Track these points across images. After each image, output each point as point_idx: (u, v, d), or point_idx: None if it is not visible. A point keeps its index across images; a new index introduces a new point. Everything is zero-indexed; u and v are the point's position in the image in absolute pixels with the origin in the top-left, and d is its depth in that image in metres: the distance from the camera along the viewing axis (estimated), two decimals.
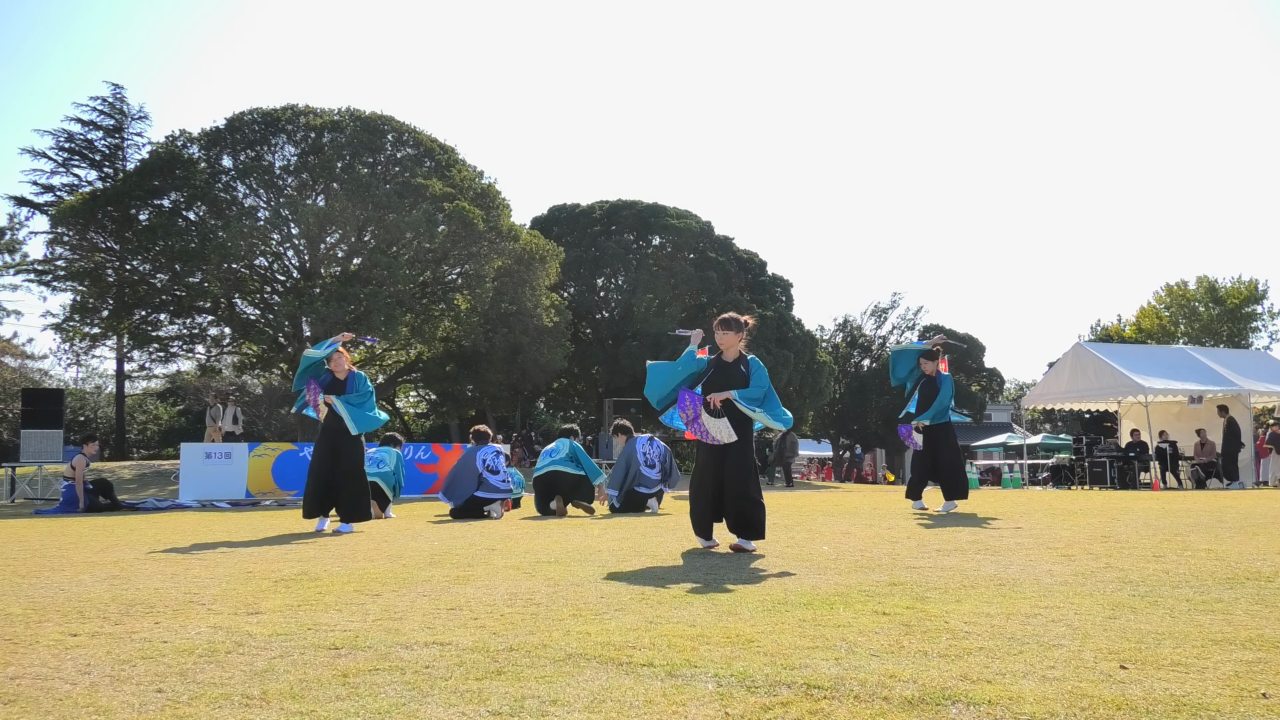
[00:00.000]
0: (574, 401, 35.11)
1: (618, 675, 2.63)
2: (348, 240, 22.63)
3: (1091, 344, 22.61)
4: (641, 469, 9.96)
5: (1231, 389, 18.61)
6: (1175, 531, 6.31)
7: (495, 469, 9.87)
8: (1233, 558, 4.87)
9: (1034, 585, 4.10)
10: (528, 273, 23.57)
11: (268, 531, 8.21)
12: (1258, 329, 39.23)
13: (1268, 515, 7.61)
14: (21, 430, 17.09)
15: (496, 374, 25.22)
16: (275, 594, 4.28)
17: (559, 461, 10.00)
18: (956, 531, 6.71)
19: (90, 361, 33.12)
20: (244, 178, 21.68)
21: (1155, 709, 2.23)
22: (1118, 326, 42.50)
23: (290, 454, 15.59)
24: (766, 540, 5.83)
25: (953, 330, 37.70)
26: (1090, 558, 5.01)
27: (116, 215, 20.96)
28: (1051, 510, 8.81)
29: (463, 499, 9.70)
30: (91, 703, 2.47)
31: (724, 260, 30.57)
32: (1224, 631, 3.07)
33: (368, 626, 3.41)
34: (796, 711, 2.28)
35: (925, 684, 2.47)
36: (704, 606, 3.70)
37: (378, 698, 2.45)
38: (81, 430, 34.70)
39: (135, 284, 21.69)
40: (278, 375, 26.66)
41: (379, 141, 22.71)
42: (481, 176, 24.24)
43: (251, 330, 22.28)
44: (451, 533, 7.62)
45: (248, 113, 22.33)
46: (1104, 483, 17.93)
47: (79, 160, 28.54)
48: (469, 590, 4.25)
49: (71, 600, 4.18)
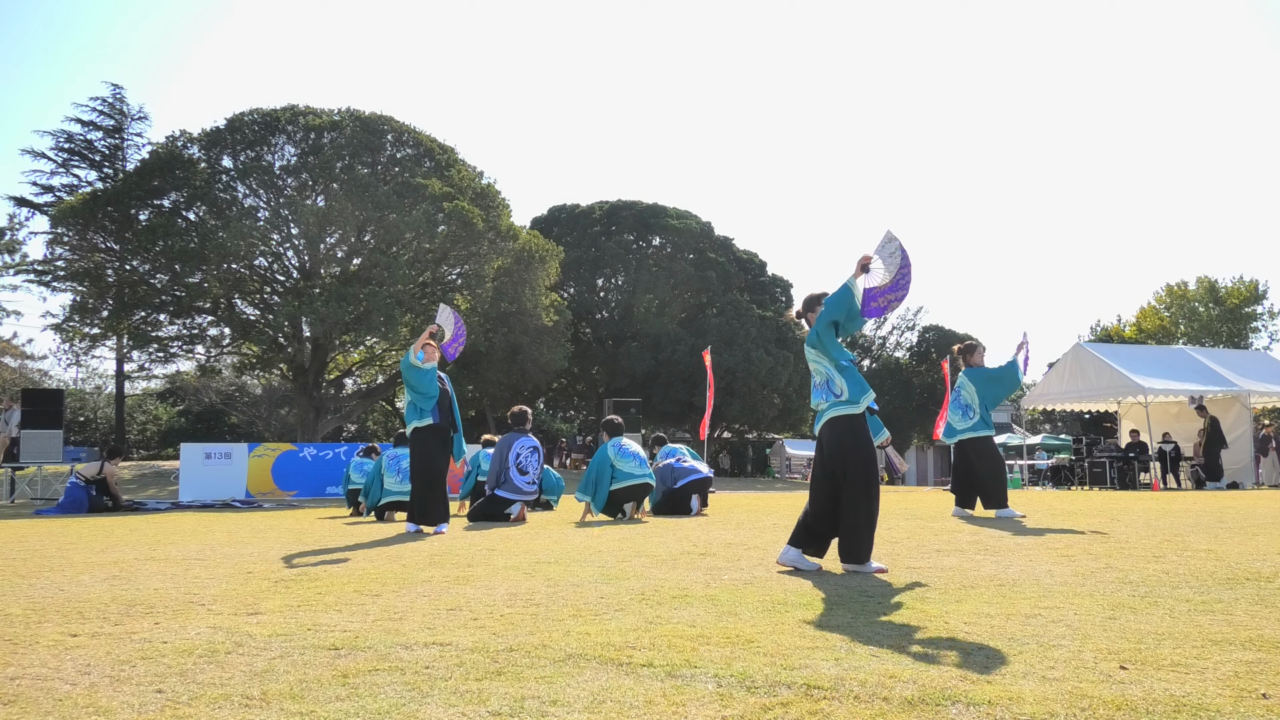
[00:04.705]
0: (574, 402, 35.13)
1: (618, 675, 2.63)
2: (347, 240, 22.63)
3: (1091, 344, 22.60)
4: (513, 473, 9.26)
5: (1231, 389, 18.61)
6: (1175, 532, 6.31)
7: (525, 469, 9.34)
8: (1233, 558, 4.87)
9: (1034, 585, 4.10)
10: (528, 273, 23.57)
11: (267, 531, 8.21)
12: (1258, 329, 39.26)
13: (1268, 515, 7.61)
14: (21, 430, 17.09)
15: (496, 374, 25.23)
16: (275, 594, 4.28)
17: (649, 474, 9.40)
18: (957, 532, 6.71)
19: (90, 362, 33.12)
20: (244, 178, 21.68)
21: (1155, 709, 2.23)
22: (1118, 327, 42.51)
23: (290, 454, 15.60)
24: (766, 541, 5.83)
25: (952, 330, 37.67)
26: (1090, 558, 5.01)
27: (116, 215, 20.94)
28: (1052, 510, 8.81)
29: (484, 494, 9.26)
30: (91, 703, 2.47)
31: (724, 260, 30.59)
32: (1224, 632, 3.07)
33: (368, 627, 3.41)
34: (796, 712, 2.28)
35: (925, 684, 2.48)
36: (704, 607, 3.70)
37: (378, 698, 2.45)
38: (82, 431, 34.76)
39: (135, 284, 21.68)
40: (277, 375, 26.64)
41: (379, 142, 22.72)
42: (481, 176, 24.25)
43: (251, 330, 22.28)
44: (452, 533, 7.61)
45: (248, 113, 22.33)
46: (1104, 483, 17.94)
47: (79, 161, 28.53)
48: (469, 590, 4.24)
49: (71, 600, 4.18)
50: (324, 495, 15.43)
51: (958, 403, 8.56)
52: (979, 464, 8.30)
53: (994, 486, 8.24)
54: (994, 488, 8.23)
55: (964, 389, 8.52)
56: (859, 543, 4.65)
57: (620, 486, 9.16)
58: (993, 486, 8.23)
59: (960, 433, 8.46)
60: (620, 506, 9.23)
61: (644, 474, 9.27)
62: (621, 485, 9.16)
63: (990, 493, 8.22)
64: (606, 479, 9.13)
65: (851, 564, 4.67)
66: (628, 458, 9.21)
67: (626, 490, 9.19)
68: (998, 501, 8.12)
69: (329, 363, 24.66)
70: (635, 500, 9.28)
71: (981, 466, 8.29)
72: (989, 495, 8.22)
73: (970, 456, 8.37)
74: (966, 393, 8.48)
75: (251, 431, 33.81)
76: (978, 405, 8.39)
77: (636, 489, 9.24)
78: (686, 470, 9.63)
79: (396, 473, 10.11)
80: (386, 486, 10.33)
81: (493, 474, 9.34)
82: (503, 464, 9.31)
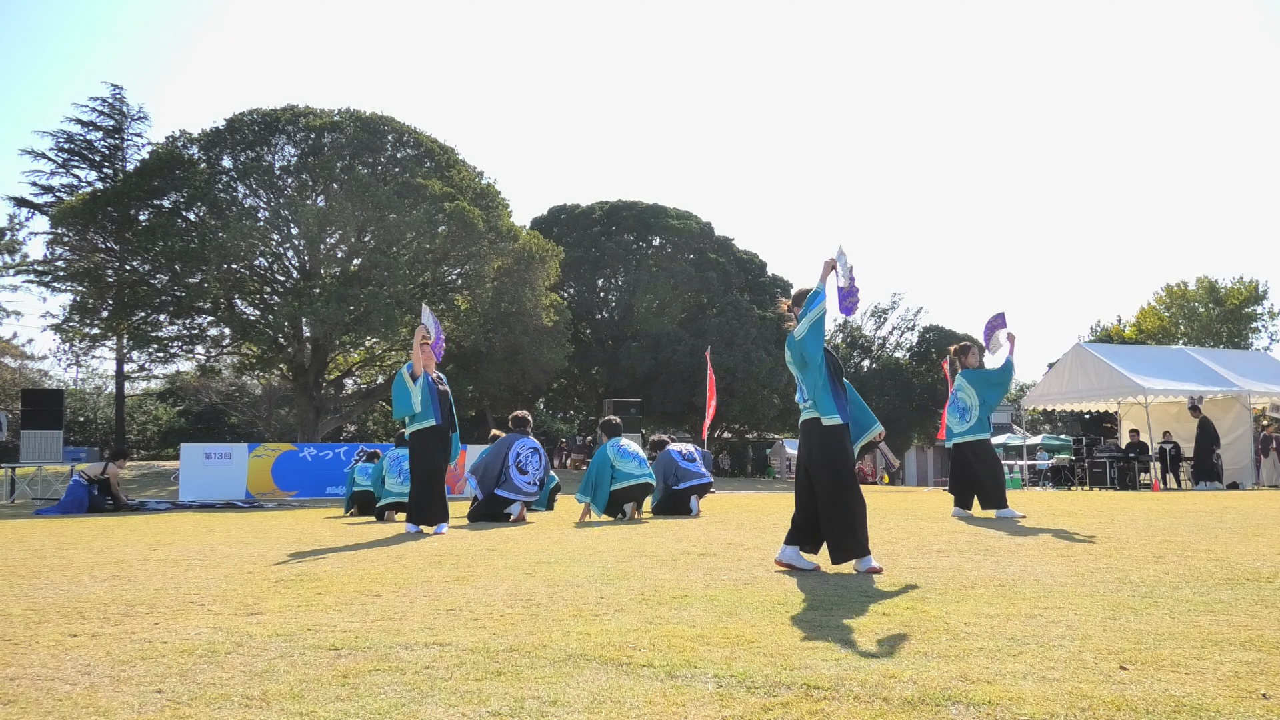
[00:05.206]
0: (574, 402, 35.13)
1: (618, 676, 2.63)
2: (347, 241, 22.63)
3: (1091, 344, 22.59)
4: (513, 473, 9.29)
5: (1232, 390, 18.60)
6: (1175, 532, 6.31)
7: (525, 468, 9.35)
8: (1233, 558, 4.87)
9: (1034, 586, 4.10)
10: (528, 273, 23.58)
11: (267, 531, 8.21)
12: (1258, 329, 39.26)
13: (1268, 515, 7.61)
14: (21, 430, 17.10)
15: (496, 374, 25.23)
16: (275, 594, 4.28)
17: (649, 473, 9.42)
18: (957, 532, 6.71)
19: (90, 362, 33.13)
20: (244, 178, 21.68)
21: (1155, 709, 2.23)
22: (1118, 327, 42.51)
23: (290, 454, 15.59)
24: (766, 541, 5.83)
25: (952, 331, 37.66)
26: (1090, 558, 5.00)
27: (116, 216, 20.95)
28: (1052, 510, 8.81)
29: (484, 494, 9.24)
30: (91, 703, 2.47)
31: (724, 261, 30.61)
32: (1224, 632, 3.07)
33: (368, 627, 3.41)
34: (796, 712, 2.28)
35: (925, 684, 2.47)
36: (704, 607, 3.70)
37: (378, 698, 2.45)
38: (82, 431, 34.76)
39: (135, 284, 21.68)
40: (277, 376, 26.64)
41: (379, 142, 22.72)
42: (481, 177, 24.25)
43: (251, 331, 22.28)
44: (452, 533, 7.61)
45: (247, 113, 22.34)
46: (1104, 483, 17.93)
47: (79, 161, 28.51)
48: (469, 591, 4.24)
49: (71, 600, 4.18)
50: (324, 495, 15.42)
51: (955, 405, 8.56)
52: (977, 465, 8.31)
53: (992, 487, 8.24)
54: (993, 488, 8.24)
55: (962, 390, 8.52)
56: (843, 542, 4.68)
57: (620, 487, 9.16)
58: (991, 487, 8.24)
59: (957, 436, 8.47)
60: (620, 507, 9.23)
61: (644, 474, 9.27)
62: (621, 485, 9.16)
63: (989, 493, 8.23)
64: (606, 479, 9.12)
65: (843, 562, 4.70)
66: (627, 458, 9.21)
67: (626, 490, 9.19)
68: (997, 502, 8.13)
69: (329, 363, 24.66)
70: (635, 500, 9.28)
71: (979, 468, 8.29)
72: (988, 496, 8.23)
73: (969, 458, 8.38)
74: (965, 394, 8.48)
75: (251, 432, 33.79)
76: (976, 408, 8.38)
77: (636, 489, 9.24)
78: (689, 473, 9.63)
79: (398, 473, 10.11)
80: (387, 487, 10.34)
81: (490, 474, 9.33)
82: (502, 464, 9.30)
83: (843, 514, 4.69)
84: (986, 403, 8.39)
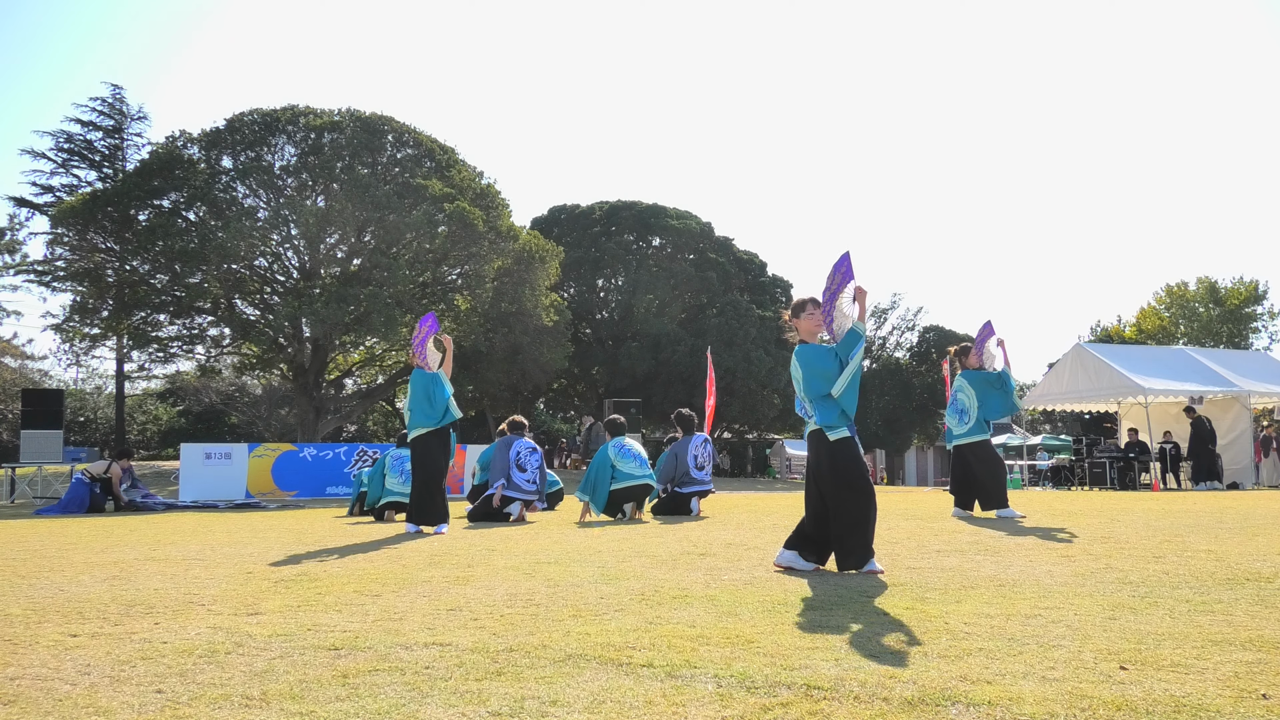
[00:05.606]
0: (574, 402, 35.11)
1: (618, 676, 2.63)
2: (347, 241, 22.64)
3: (1092, 344, 22.58)
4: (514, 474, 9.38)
5: (1232, 390, 18.61)
6: (1175, 532, 6.31)
7: (524, 467, 9.41)
8: (1233, 558, 4.87)
9: (1034, 586, 4.10)
10: (528, 273, 23.58)
11: (267, 531, 8.21)
12: (1258, 329, 39.24)
13: (1268, 515, 7.61)
14: (21, 430, 17.10)
15: (496, 374, 25.23)
16: (275, 594, 4.28)
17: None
18: (957, 532, 6.71)
19: (90, 362, 33.16)
20: (244, 178, 21.69)
21: (1155, 709, 2.23)
22: (1118, 327, 42.50)
23: (290, 454, 15.59)
24: (766, 541, 5.83)
25: (952, 331, 37.67)
26: (1090, 558, 5.00)
27: (116, 216, 20.95)
28: (1052, 510, 8.81)
29: (493, 483, 9.28)
30: (91, 703, 2.47)
31: (724, 261, 30.61)
32: (1224, 632, 3.07)
33: (368, 627, 3.41)
34: (796, 712, 2.28)
35: (925, 684, 2.48)
36: (704, 607, 3.70)
37: (378, 698, 2.45)
38: (82, 431, 34.76)
39: (135, 284, 21.69)
40: (277, 376, 26.64)
41: (379, 142, 22.73)
42: (481, 177, 24.26)
43: (251, 331, 22.28)
44: (452, 533, 7.62)
45: (247, 113, 22.34)
46: (1104, 483, 17.93)
47: (79, 161, 28.54)
48: (469, 591, 4.24)
49: (71, 600, 4.18)
50: (324, 495, 15.42)
51: (955, 406, 8.56)
52: (977, 466, 8.30)
53: (993, 487, 8.24)
54: (993, 488, 8.23)
55: (961, 391, 8.51)
56: (850, 550, 4.69)
57: (620, 487, 9.15)
58: (992, 487, 8.24)
59: (957, 437, 8.47)
60: (620, 507, 9.22)
61: (644, 474, 9.27)
62: (621, 485, 9.16)
63: (989, 493, 8.22)
64: (606, 479, 9.12)
65: (848, 570, 4.70)
66: (628, 458, 9.21)
67: (626, 490, 9.19)
68: (998, 502, 8.12)
69: (329, 363, 24.66)
70: (635, 500, 9.28)
71: (979, 469, 8.28)
72: (988, 496, 8.22)
73: (968, 459, 8.38)
74: (964, 395, 8.47)
75: (251, 432, 33.81)
76: (975, 409, 8.37)
77: (637, 489, 9.24)
78: (696, 479, 9.62)
79: (399, 473, 10.14)
80: (387, 486, 10.35)
81: (497, 470, 9.41)
82: (505, 462, 9.37)
83: (859, 525, 4.70)
84: (986, 404, 8.37)
